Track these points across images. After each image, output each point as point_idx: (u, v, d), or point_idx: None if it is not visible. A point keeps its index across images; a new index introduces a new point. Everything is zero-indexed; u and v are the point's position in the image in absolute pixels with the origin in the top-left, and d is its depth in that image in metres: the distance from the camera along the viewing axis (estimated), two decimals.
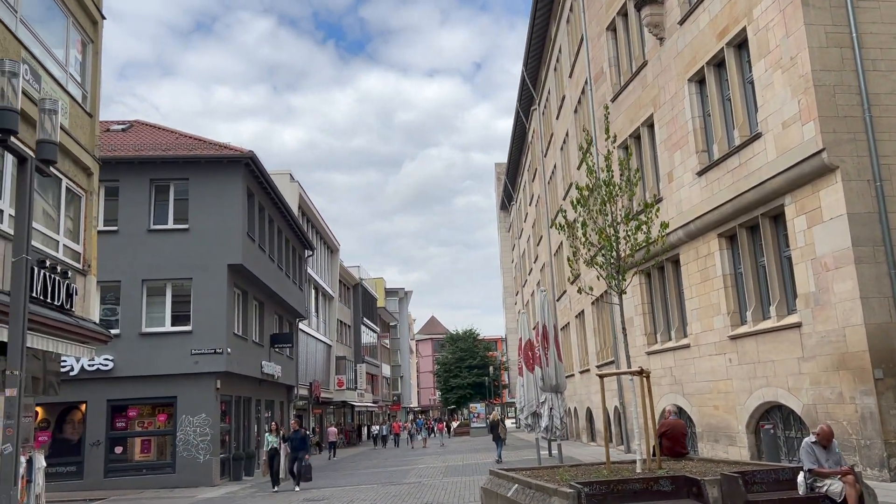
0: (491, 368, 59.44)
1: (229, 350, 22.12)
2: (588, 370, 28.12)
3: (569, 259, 10.85)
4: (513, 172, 54.90)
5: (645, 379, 10.06)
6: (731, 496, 7.92)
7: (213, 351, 21.69)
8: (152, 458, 21.74)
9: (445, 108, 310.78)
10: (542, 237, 39.68)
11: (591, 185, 10.65)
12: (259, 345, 26.68)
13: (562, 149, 31.74)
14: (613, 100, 22.00)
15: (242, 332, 24.43)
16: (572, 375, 31.00)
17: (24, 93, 9.14)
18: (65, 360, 20.76)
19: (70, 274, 12.47)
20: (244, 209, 22.90)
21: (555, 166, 33.99)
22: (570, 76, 28.38)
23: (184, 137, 24.32)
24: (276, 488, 18.63)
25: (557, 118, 32.39)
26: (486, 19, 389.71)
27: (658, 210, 10.75)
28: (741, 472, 8.04)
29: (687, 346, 17.92)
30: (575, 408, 31.87)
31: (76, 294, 12.65)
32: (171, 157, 22.16)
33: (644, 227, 10.26)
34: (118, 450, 21.48)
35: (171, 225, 22.46)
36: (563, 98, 30.42)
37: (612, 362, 23.49)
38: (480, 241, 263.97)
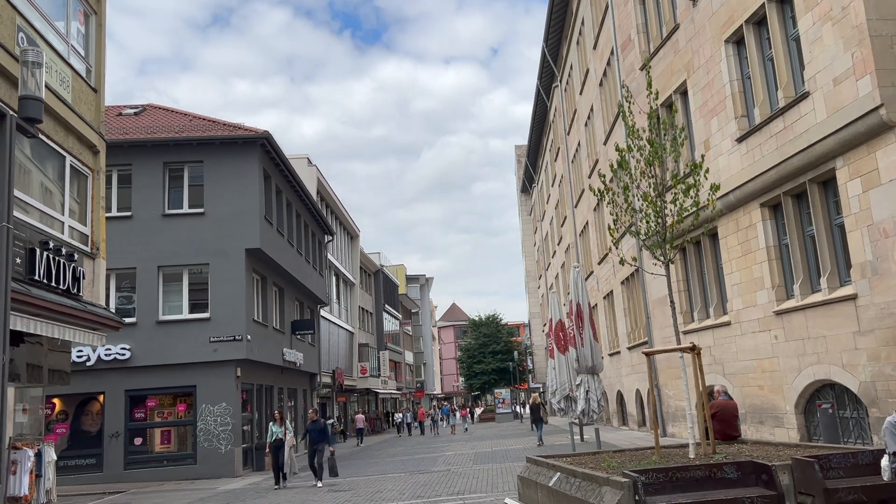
0: (516, 353, 58.57)
1: (249, 337, 21.50)
2: (618, 352, 27.23)
3: (609, 228, 9.97)
4: (533, 154, 53.81)
5: (696, 356, 9.19)
6: (806, 483, 7.05)
7: (232, 338, 21.07)
8: (173, 449, 21.23)
9: (463, 94, 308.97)
10: (566, 218, 38.69)
11: (632, 146, 9.75)
12: (280, 332, 26.07)
13: (586, 125, 30.71)
14: (642, 68, 20.90)
15: (262, 318, 23.81)
16: (601, 358, 30.11)
17: (9, 52, 8.40)
18: (81, 350, 20.29)
19: (76, 257, 11.80)
20: (261, 192, 22.19)
21: (579, 143, 32.97)
22: (595, 48, 27.30)
23: (197, 119, 23.65)
24: (277, 486, 16.88)
25: (581, 93, 31.33)
26: (501, 4, 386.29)
27: (707, 171, 9.82)
28: (816, 457, 7.14)
29: (727, 324, 16.96)
30: (604, 391, 31.00)
31: (84, 278, 11.99)
32: (185, 138, 21.49)
33: (693, 190, 9.34)
34: (138, 441, 21.00)
35: (186, 209, 21.83)
36: (587, 72, 29.36)
37: (644, 343, 22.58)
38: (500, 227, 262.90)
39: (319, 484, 16.36)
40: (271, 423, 17.89)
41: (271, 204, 23.79)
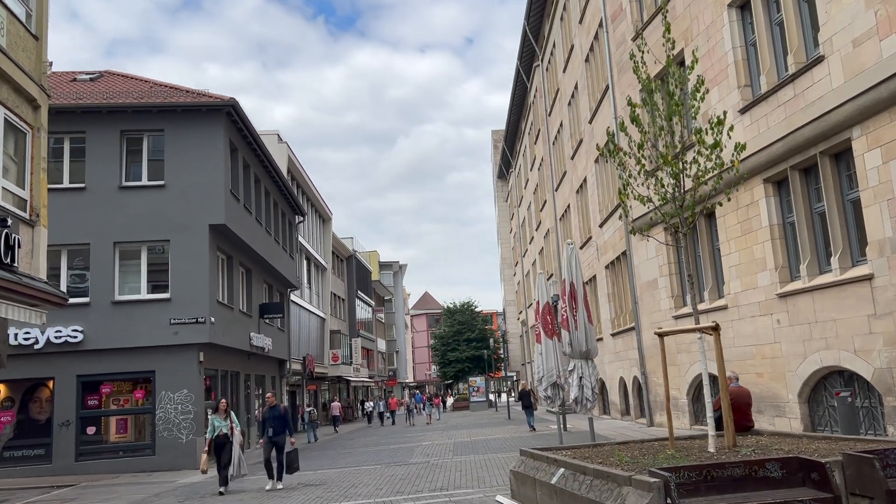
0: (491, 341, 57.63)
1: (213, 320, 20.06)
2: (601, 339, 26.25)
3: (620, 191, 8.84)
4: (511, 138, 52.72)
5: (717, 337, 8.11)
6: (862, 483, 5.97)
7: (194, 320, 19.60)
8: (129, 439, 19.74)
9: (437, 83, 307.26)
10: (545, 202, 37.67)
11: (647, 100, 8.61)
12: (247, 315, 24.62)
13: (569, 104, 29.62)
14: (635, 38, 19.86)
15: (228, 300, 22.34)
16: (596, 341, 29.18)
17: None
18: (28, 332, 18.75)
19: (10, 222, 10.35)
20: (226, 164, 20.68)
21: (561, 124, 31.90)
22: (581, 22, 26.18)
23: (159, 86, 22.02)
24: (223, 488, 13.60)
25: (564, 71, 30.22)
26: None
27: (732, 128, 8.73)
28: (874, 452, 6.07)
29: (724, 308, 16.00)
30: (599, 377, 30.08)
31: (20, 247, 10.56)
32: (144, 105, 19.87)
33: (716, 149, 8.26)
34: (90, 430, 19.45)
35: (145, 181, 20.23)
36: (572, 48, 28.24)
37: (631, 329, 21.64)
38: (474, 216, 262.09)
39: (279, 485, 13.57)
40: (212, 416, 14.22)
41: (238, 178, 22.29)
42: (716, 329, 7.98)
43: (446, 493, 10.68)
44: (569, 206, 31.27)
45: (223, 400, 14.50)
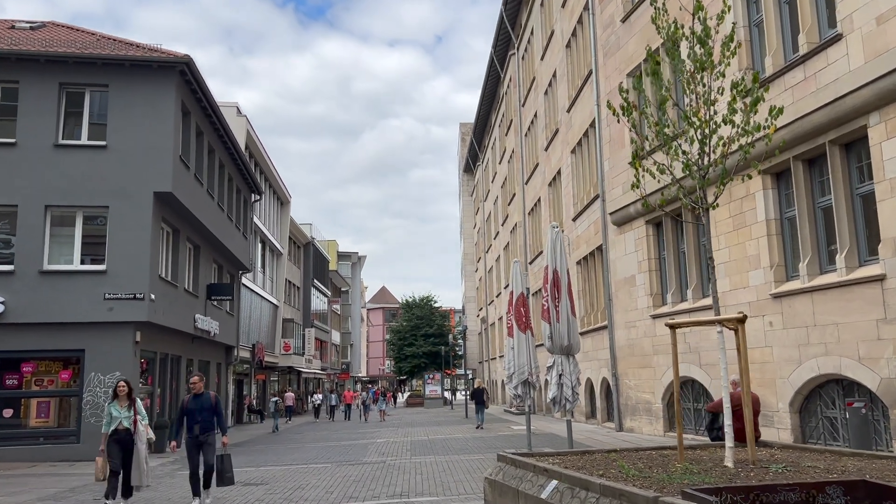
0: (450, 337, 56.23)
1: (153, 297, 18.24)
2: None
3: (633, 156, 7.57)
4: (480, 131, 51.50)
5: (742, 331, 6.90)
6: None
7: (132, 296, 17.76)
8: (51, 425, 17.79)
9: (406, 79, 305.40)
10: (514, 195, 36.48)
11: (670, 51, 7.35)
12: (192, 295, 22.77)
13: (546, 93, 28.44)
14: (624, 20, 18.75)
15: (171, 277, 20.50)
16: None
17: None
18: None
19: None
20: (177, 127, 18.86)
21: (535, 115, 30.74)
22: (564, 5, 24.98)
23: (106, 39, 20.03)
24: (110, 501, 9.75)
25: (542, 59, 29.03)
26: None
27: (767, 88, 7.52)
28: None
29: (708, 308, 14.89)
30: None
31: None
32: (87, 56, 17.92)
33: (755, 108, 7.05)
34: (7, 413, 17.44)
35: (84, 141, 18.28)
36: (552, 34, 27.06)
37: (603, 327, 20.51)
38: (435, 214, 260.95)
39: (207, 500, 10.18)
40: (109, 403, 10.30)
41: (189, 145, 20.46)
42: (742, 321, 6.74)
43: (407, 502, 9.26)
44: (539, 200, 30.13)
45: (122, 382, 10.33)
